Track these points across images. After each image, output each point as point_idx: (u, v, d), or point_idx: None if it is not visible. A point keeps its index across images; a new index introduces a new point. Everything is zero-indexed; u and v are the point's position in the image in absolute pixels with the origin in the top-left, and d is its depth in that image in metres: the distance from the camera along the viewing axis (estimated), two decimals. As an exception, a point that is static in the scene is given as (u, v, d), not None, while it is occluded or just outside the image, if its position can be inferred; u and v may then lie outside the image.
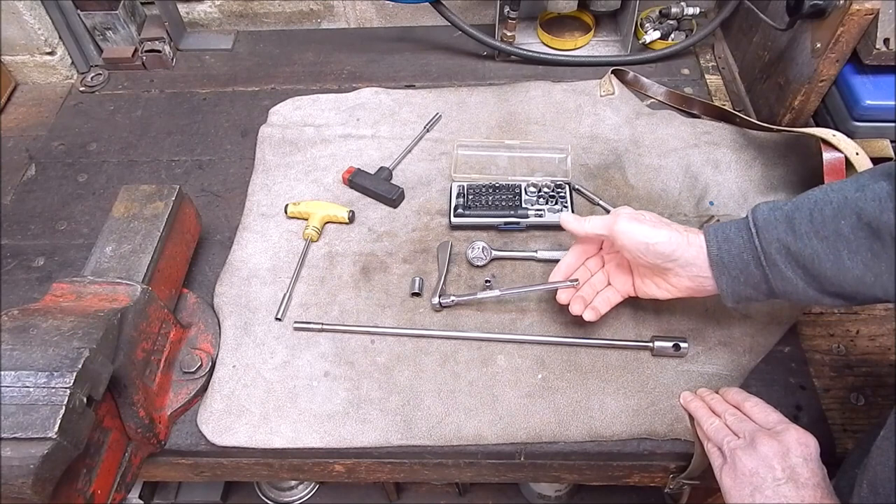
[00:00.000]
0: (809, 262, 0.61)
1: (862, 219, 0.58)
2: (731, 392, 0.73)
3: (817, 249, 0.60)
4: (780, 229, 0.62)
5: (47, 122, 1.15)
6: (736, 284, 0.66)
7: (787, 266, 0.63)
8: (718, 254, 0.66)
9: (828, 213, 0.60)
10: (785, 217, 0.63)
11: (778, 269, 0.63)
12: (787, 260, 0.62)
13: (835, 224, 0.59)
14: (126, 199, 0.83)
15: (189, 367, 0.79)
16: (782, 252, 0.62)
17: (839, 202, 0.60)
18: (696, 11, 1.16)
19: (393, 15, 1.29)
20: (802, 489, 0.59)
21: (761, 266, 0.64)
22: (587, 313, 0.76)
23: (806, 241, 0.61)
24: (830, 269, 0.60)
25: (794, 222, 0.62)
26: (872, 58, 0.83)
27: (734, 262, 0.65)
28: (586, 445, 0.76)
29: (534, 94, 1.09)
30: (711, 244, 0.67)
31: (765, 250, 0.63)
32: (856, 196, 0.59)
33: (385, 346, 0.83)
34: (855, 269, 0.59)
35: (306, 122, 1.08)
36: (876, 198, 0.58)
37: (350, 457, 0.78)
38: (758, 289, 0.66)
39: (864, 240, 0.58)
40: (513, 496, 1.58)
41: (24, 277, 0.93)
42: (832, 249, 0.60)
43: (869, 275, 0.59)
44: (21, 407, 0.58)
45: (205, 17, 1.29)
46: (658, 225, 0.69)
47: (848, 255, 0.59)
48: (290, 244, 0.93)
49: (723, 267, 0.66)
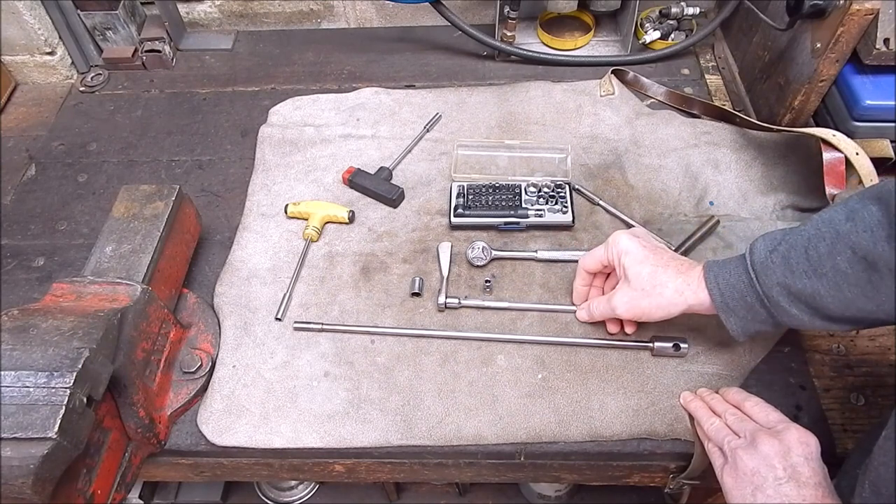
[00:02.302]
0: (811, 300, 0.62)
1: (857, 253, 0.59)
2: (731, 392, 0.73)
3: (817, 287, 0.61)
4: (779, 272, 0.64)
5: (47, 122, 1.15)
6: (744, 323, 0.68)
7: (791, 305, 0.64)
8: (723, 300, 0.68)
9: (822, 249, 0.61)
10: (782, 258, 0.64)
11: (782, 308, 0.64)
12: (789, 300, 0.64)
13: (831, 260, 0.61)
14: (126, 199, 0.83)
15: (189, 367, 0.79)
16: (784, 294, 0.64)
17: (832, 237, 0.61)
18: (696, 11, 1.16)
19: (393, 15, 1.29)
20: (804, 488, 0.59)
21: (766, 307, 0.66)
22: None
23: (805, 280, 0.62)
24: (833, 304, 0.62)
25: (791, 262, 0.63)
26: (872, 58, 0.83)
27: (739, 305, 0.67)
28: (586, 445, 0.76)
29: (534, 94, 1.09)
30: (714, 291, 0.68)
31: (766, 294, 0.65)
32: (847, 228, 0.60)
33: (385, 346, 0.83)
34: (857, 300, 0.60)
35: (306, 122, 1.08)
36: (867, 228, 0.58)
37: (350, 457, 0.78)
38: (766, 323, 0.67)
39: (862, 272, 0.59)
40: (513, 496, 1.58)
41: (24, 277, 0.93)
42: (832, 285, 0.61)
43: (871, 305, 0.60)
44: (21, 407, 0.58)
45: (205, 17, 1.29)
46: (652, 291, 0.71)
47: (848, 287, 0.60)
48: (290, 244, 0.93)
49: (729, 311, 0.68)
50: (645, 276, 0.72)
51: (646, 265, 0.72)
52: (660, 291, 0.71)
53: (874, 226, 0.58)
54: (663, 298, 0.71)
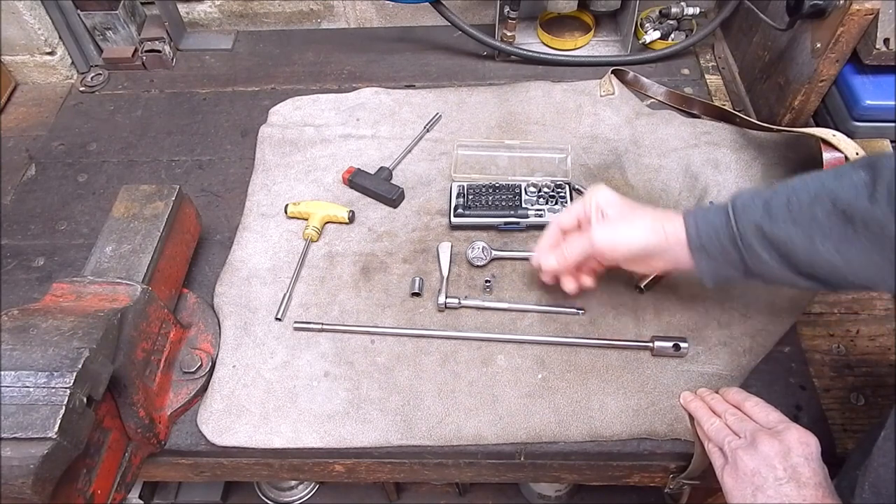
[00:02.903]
0: (783, 246, 0.62)
1: (837, 205, 0.59)
2: (731, 392, 0.73)
3: (791, 234, 0.62)
4: (757, 214, 0.64)
5: (47, 122, 1.15)
6: (714, 266, 0.68)
7: (763, 249, 0.64)
8: (698, 238, 0.67)
9: (804, 199, 0.61)
10: (763, 203, 0.64)
11: (754, 251, 0.64)
12: (762, 243, 0.64)
13: (810, 210, 0.61)
14: (126, 199, 0.83)
15: (189, 367, 0.79)
16: (758, 236, 0.64)
17: (816, 189, 0.61)
18: (696, 11, 1.16)
19: (393, 15, 1.29)
20: (804, 488, 0.59)
21: (738, 248, 0.65)
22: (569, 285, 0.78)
23: (781, 225, 0.62)
24: (803, 253, 0.62)
25: (771, 207, 0.63)
26: (872, 58, 0.83)
27: (712, 244, 0.67)
28: (586, 445, 0.76)
29: (534, 94, 1.09)
30: (691, 228, 0.68)
31: (741, 233, 0.65)
32: (833, 184, 0.60)
33: (385, 346, 0.83)
34: (826, 253, 0.60)
35: (306, 122, 1.08)
36: (853, 186, 0.59)
37: (350, 457, 0.78)
38: (736, 269, 0.67)
39: (837, 225, 0.59)
40: (513, 496, 1.58)
41: (24, 277, 0.93)
42: (806, 234, 0.61)
43: (839, 259, 0.60)
44: (21, 407, 0.58)
45: (205, 17, 1.29)
46: (632, 219, 0.71)
47: (821, 240, 0.60)
48: (290, 244, 0.93)
49: (702, 250, 0.68)
50: (625, 209, 0.72)
51: (625, 205, 0.73)
52: (639, 219, 0.71)
53: (860, 185, 0.58)
54: (641, 227, 0.70)
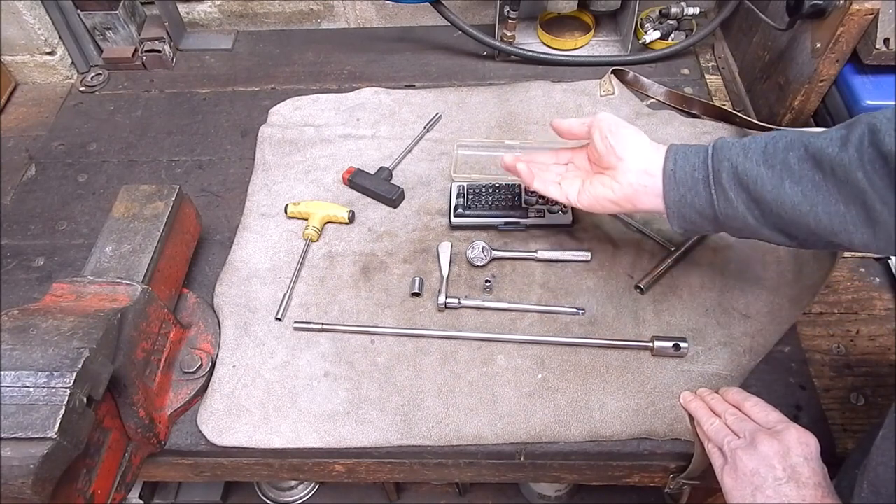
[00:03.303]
0: (752, 184, 0.63)
1: (809, 151, 0.61)
2: (731, 392, 0.73)
3: (763, 175, 0.63)
4: (734, 152, 0.65)
5: (47, 122, 1.15)
6: (681, 202, 0.68)
7: (732, 187, 0.65)
8: (673, 168, 0.68)
9: (780, 144, 0.63)
10: (742, 145, 0.65)
11: (723, 189, 0.65)
12: (732, 180, 0.65)
13: (784, 155, 0.62)
14: (126, 199, 0.83)
15: (189, 367, 0.79)
16: (730, 172, 0.65)
17: (794, 136, 0.63)
18: (696, 11, 1.16)
19: (393, 15, 1.29)
20: (803, 488, 0.59)
21: (709, 186, 0.66)
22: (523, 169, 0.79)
23: (754, 164, 0.63)
24: (770, 194, 0.62)
25: (749, 150, 0.64)
26: (872, 58, 0.83)
27: (686, 178, 0.67)
28: (586, 445, 0.76)
29: (534, 94, 1.09)
30: (669, 158, 0.69)
31: (715, 169, 0.65)
32: (810, 135, 0.62)
33: (385, 346, 0.83)
34: (794, 196, 0.61)
35: (306, 122, 1.08)
36: (828, 137, 0.60)
37: (350, 457, 0.78)
38: (703, 213, 0.67)
39: (808, 170, 0.60)
40: (513, 496, 1.58)
41: (24, 277, 0.93)
42: (777, 176, 0.62)
43: (805, 204, 0.61)
44: (21, 407, 0.58)
45: (205, 17, 1.29)
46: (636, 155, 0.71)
47: (790, 184, 0.61)
48: (290, 244, 0.93)
49: (674, 182, 0.68)
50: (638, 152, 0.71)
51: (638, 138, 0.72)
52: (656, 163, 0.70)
53: (835, 136, 0.60)
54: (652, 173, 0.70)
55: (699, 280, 0.86)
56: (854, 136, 0.58)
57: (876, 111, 0.58)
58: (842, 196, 0.59)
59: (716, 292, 0.85)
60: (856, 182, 0.57)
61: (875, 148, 0.56)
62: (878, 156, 0.56)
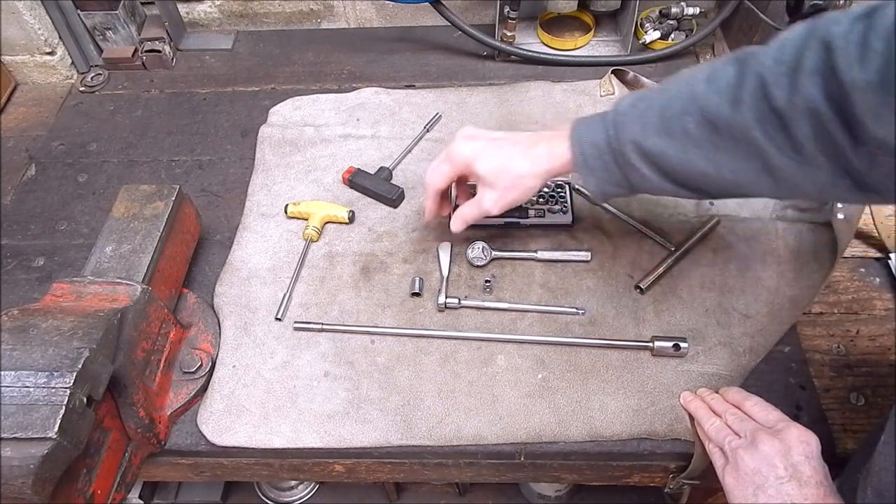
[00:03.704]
0: (659, 160, 0.64)
1: (704, 115, 0.60)
2: (731, 392, 0.73)
3: (665, 147, 0.63)
4: (633, 130, 0.65)
5: (47, 122, 1.15)
6: (602, 184, 0.70)
7: (642, 164, 0.65)
8: (583, 158, 0.69)
9: (676, 109, 0.62)
10: (639, 116, 0.65)
11: (634, 167, 0.66)
12: (641, 159, 0.65)
13: (681, 121, 0.62)
14: (126, 199, 0.83)
15: (189, 367, 0.79)
16: (636, 151, 0.65)
17: (687, 97, 0.62)
18: (696, 11, 1.16)
19: (393, 15, 1.29)
20: (805, 487, 0.59)
21: (620, 166, 0.67)
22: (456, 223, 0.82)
23: (656, 138, 0.63)
24: (678, 164, 0.63)
25: (647, 121, 0.64)
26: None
27: (597, 164, 0.68)
28: (586, 445, 0.76)
29: (534, 94, 1.09)
30: (576, 148, 0.69)
31: (622, 151, 0.66)
32: (703, 89, 0.61)
33: (385, 346, 0.83)
34: (699, 162, 0.62)
35: (306, 122, 1.08)
36: (718, 91, 0.59)
37: (350, 457, 0.78)
38: (621, 185, 0.69)
39: (707, 134, 0.60)
40: (513, 496, 1.59)
41: (24, 277, 0.93)
42: (679, 144, 0.62)
43: (711, 166, 0.61)
44: (21, 407, 0.58)
45: (205, 17, 1.29)
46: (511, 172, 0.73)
47: (694, 150, 0.62)
48: (290, 244, 0.93)
49: (588, 170, 0.69)
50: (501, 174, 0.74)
51: (495, 163, 0.74)
52: (521, 182, 0.73)
53: (724, 88, 0.59)
54: (524, 182, 0.73)
55: (699, 280, 0.86)
56: (745, 91, 0.57)
57: (760, 52, 0.58)
58: (742, 154, 0.59)
59: (716, 292, 0.85)
60: (753, 140, 0.57)
61: (767, 103, 0.56)
62: (770, 111, 0.56)
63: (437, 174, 0.79)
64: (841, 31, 0.51)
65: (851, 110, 0.51)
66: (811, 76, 0.53)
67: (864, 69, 0.49)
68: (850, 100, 0.50)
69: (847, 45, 0.50)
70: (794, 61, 0.54)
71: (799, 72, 0.53)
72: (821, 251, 0.87)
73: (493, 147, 0.75)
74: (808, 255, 0.87)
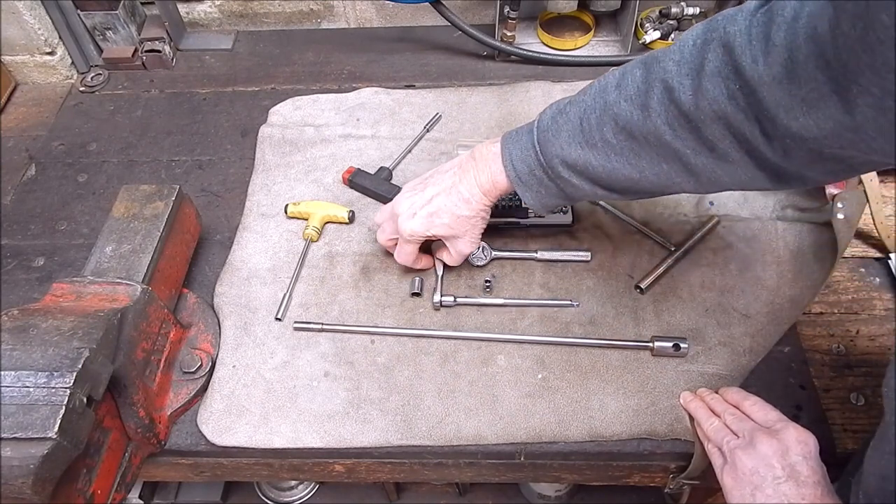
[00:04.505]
0: (585, 170, 0.66)
1: (619, 123, 0.62)
2: (731, 392, 0.73)
3: (588, 158, 0.65)
4: (556, 145, 0.67)
5: (47, 122, 1.15)
6: (540, 197, 0.72)
7: (571, 175, 0.68)
8: (517, 176, 0.71)
9: (593, 121, 0.64)
10: (559, 128, 0.67)
11: (565, 179, 0.68)
12: (569, 171, 0.67)
13: (599, 132, 0.63)
14: (126, 199, 0.83)
15: (189, 367, 0.79)
16: (563, 165, 0.67)
17: (601, 108, 0.63)
18: (696, 11, 1.16)
19: (393, 15, 1.29)
20: (803, 487, 0.59)
21: (552, 179, 0.69)
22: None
23: (579, 151, 0.65)
24: (603, 173, 0.65)
25: (567, 134, 0.66)
26: (872, 58, 0.83)
27: (531, 179, 0.71)
28: (586, 445, 0.76)
29: (534, 94, 1.09)
30: (509, 168, 0.72)
31: (549, 165, 0.68)
32: (614, 97, 0.62)
33: (385, 346, 0.83)
34: (623, 169, 0.64)
35: (306, 122, 1.08)
36: (628, 97, 0.61)
37: (350, 457, 0.78)
38: (558, 196, 0.72)
39: (624, 141, 0.62)
40: (513, 496, 1.58)
41: (24, 277, 0.93)
42: (601, 154, 0.64)
43: (634, 171, 0.63)
44: (21, 407, 0.58)
45: (205, 17, 1.29)
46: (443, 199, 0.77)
47: (615, 157, 0.63)
48: (290, 244, 0.93)
49: (524, 186, 0.72)
50: (454, 225, 0.78)
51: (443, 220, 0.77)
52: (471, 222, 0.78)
53: (633, 94, 0.60)
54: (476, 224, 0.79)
55: (699, 280, 0.86)
56: (653, 99, 0.58)
57: (663, 56, 0.59)
58: (660, 157, 0.61)
59: (716, 292, 0.85)
60: (668, 143, 0.59)
61: (675, 107, 0.57)
62: (679, 114, 0.57)
63: (404, 256, 0.83)
64: (739, 29, 0.51)
65: (760, 106, 0.51)
66: (713, 78, 0.53)
67: (767, 64, 0.49)
68: (758, 96, 0.50)
69: (748, 42, 0.50)
70: (695, 63, 0.55)
71: (701, 74, 0.54)
72: (821, 251, 0.87)
73: (430, 208, 0.77)
74: (808, 255, 0.87)
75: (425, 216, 0.78)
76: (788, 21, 0.47)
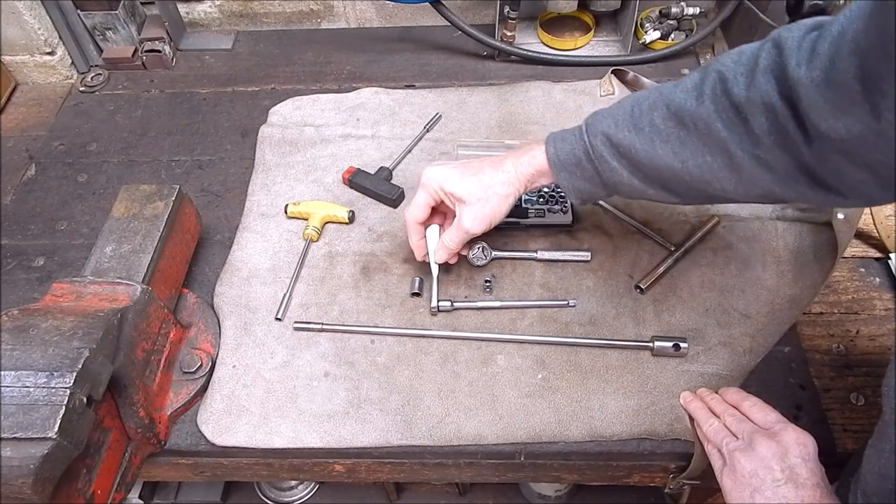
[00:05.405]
0: (627, 152, 0.66)
1: (670, 109, 0.63)
2: (731, 392, 0.73)
3: (634, 140, 0.65)
4: (605, 124, 0.68)
5: (47, 122, 1.15)
6: (574, 180, 0.72)
7: (612, 157, 0.68)
8: (556, 157, 0.72)
9: (644, 106, 0.66)
10: (611, 114, 0.69)
11: (605, 160, 0.68)
12: (611, 151, 0.68)
13: (649, 116, 0.65)
14: (126, 199, 0.83)
15: (189, 367, 0.79)
16: (606, 144, 0.68)
17: (655, 96, 0.65)
18: (696, 11, 1.16)
19: (393, 15, 1.29)
20: (802, 489, 0.59)
21: (591, 159, 0.69)
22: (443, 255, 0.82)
23: (625, 132, 0.66)
24: (645, 158, 0.65)
25: (617, 117, 0.67)
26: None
27: (569, 159, 0.71)
28: (586, 445, 0.76)
29: (534, 94, 1.09)
30: (550, 150, 0.72)
31: (592, 144, 0.69)
32: (669, 89, 0.64)
33: (385, 346, 0.83)
34: (666, 156, 0.64)
35: (306, 122, 1.08)
36: (685, 89, 0.63)
37: (350, 457, 0.78)
38: (593, 182, 0.71)
39: (673, 129, 0.63)
40: (513, 496, 1.59)
41: (24, 277, 0.93)
42: (647, 139, 0.65)
43: (677, 161, 0.64)
44: (21, 407, 0.58)
45: (205, 17, 1.29)
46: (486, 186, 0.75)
47: (660, 143, 0.64)
48: (290, 244, 0.93)
49: (560, 165, 0.72)
50: (473, 187, 0.76)
51: (466, 179, 0.76)
52: (493, 190, 0.75)
53: (690, 87, 0.63)
54: (499, 192, 0.75)
55: (699, 280, 0.86)
56: (707, 86, 0.61)
57: (722, 57, 0.61)
58: (706, 147, 0.62)
59: (716, 292, 0.85)
60: (716, 133, 0.60)
61: (727, 97, 0.59)
62: (730, 105, 0.59)
63: (412, 205, 0.81)
64: (792, 35, 0.55)
65: (799, 105, 0.54)
66: (765, 74, 0.56)
67: (810, 68, 0.52)
68: (797, 95, 0.54)
69: (797, 47, 0.54)
70: (751, 62, 0.58)
71: (755, 70, 0.57)
72: (821, 251, 0.87)
73: (462, 167, 0.77)
74: (808, 255, 0.87)
75: (453, 166, 0.78)
76: (835, 35, 0.51)
